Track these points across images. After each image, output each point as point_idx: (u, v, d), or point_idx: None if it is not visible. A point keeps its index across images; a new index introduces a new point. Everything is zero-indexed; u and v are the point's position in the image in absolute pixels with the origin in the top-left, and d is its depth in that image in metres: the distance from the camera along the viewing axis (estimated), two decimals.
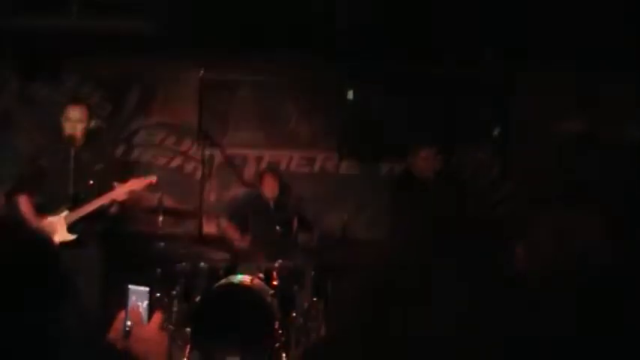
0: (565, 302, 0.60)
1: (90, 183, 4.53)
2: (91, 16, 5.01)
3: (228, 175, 6.39)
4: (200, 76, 6.39)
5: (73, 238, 4.43)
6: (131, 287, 1.67)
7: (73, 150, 4.56)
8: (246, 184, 6.20)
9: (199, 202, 6.14)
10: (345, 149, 6.34)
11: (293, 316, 4.78)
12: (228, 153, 6.26)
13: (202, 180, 6.23)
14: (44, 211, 4.52)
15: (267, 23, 5.28)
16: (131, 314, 1.62)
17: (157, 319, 1.63)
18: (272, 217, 5.66)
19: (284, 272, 4.96)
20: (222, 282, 4.69)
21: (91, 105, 5.77)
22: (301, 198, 5.65)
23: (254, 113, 6.49)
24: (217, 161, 6.40)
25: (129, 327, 1.61)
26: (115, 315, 1.66)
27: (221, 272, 5.02)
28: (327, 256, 5.29)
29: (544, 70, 5.79)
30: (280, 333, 4.49)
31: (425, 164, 5.47)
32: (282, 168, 6.38)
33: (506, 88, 5.91)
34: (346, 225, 5.58)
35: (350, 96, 6.15)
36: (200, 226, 6.07)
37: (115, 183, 4.49)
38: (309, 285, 5.15)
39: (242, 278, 4.73)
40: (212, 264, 5.08)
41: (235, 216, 5.84)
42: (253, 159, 6.47)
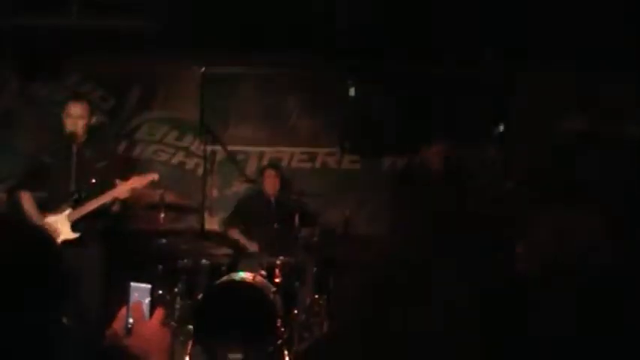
0: (565, 302, 0.61)
1: (92, 181, 4.53)
2: (92, 15, 5.01)
3: (229, 172, 6.39)
4: (201, 73, 6.39)
5: (76, 236, 4.43)
6: (133, 284, 1.67)
7: (75, 147, 4.55)
8: (247, 181, 6.20)
9: (201, 199, 6.15)
10: (347, 145, 6.34)
11: (295, 313, 4.78)
12: (229, 149, 6.25)
13: (204, 176, 6.24)
14: (46, 209, 4.52)
15: (267, 22, 5.27)
16: (133, 311, 1.62)
17: (159, 316, 1.63)
18: (273, 214, 5.66)
19: (286, 269, 4.96)
20: (224, 279, 4.70)
21: (92, 101, 5.78)
22: (303, 194, 5.65)
23: (256, 109, 6.49)
24: (219, 157, 6.40)
25: (130, 324, 1.62)
26: (117, 312, 1.66)
27: (223, 269, 5.03)
28: (329, 252, 5.30)
29: (544, 70, 5.78)
30: (282, 329, 4.50)
31: (436, 159, 5.59)
32: (283, 164, 6.39)
33: (506, 88, 5.91)
34: (348, 221, 5.58)
35: (352, 93, 6.15)
36: (202, 223, 6.08)
37: (117, 181, 4.49)
38: (311, 281, 5.15)
39: (244, 275, 4.74)
40: (214, 260, 5.09)
41: (237, 213, 5.84)
42: (255, 155, 6.47)
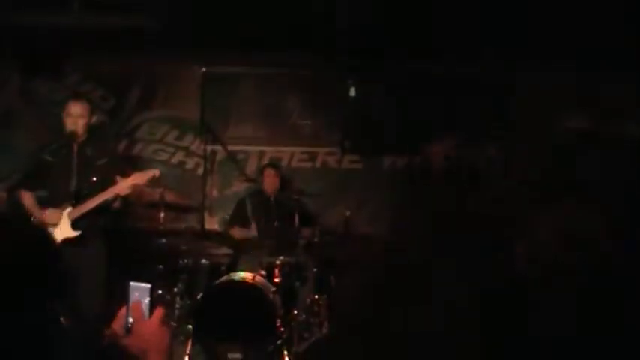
0: (565, 302, 0.61)
1: (93, 179, 4.52)
2: (92, 14, 5.01)
3: (229, 171, 6.39)
4: (202, 72, 6.39)
5: (77, 235, 4.43)
6: (132, 283, 1.66)
7: (76, 146, 4.56)
8: (247, 180, 6.20)
9: (201, 198, 6.15)
10: (347, 145, 6.34)
11: (295, 312, 4.78)
12: (230, 149, 6.25)
13: (204, 176, 6.24)
14: (47, 207, 4.51)
15: (267, 22, 5.27)
16: (132, 310, 1.62)
17: (159, 315, 1.63)
18: (273, 212, 5.65)
19: (286, 268, 4.95)
20: (223, 278, 4.70)
21: (93, 100, 5.78)
22: (303, 193, 5.64)
23: (256, 109, 6.49)
24: (219, 157, 6.40)
25: (130, 323, 1.61)
26: (116, 311, 1.66)
27: (223, 268, 5.03)
28: (329, 252, 5.29)
29: (544, 70, 5.78)
30: (282, 329, 4.50)
31: (437, 159, 5.59)
32: (284, 164, 6.39)
33: (506, 88, 5.91)
34: (348, 220, 5.58)
35: (352, 92, 6.14)
36: (202, 222, 6.08)
37: (118, 177, 4.48)
38: (311, 281, 5.15)
39: (244, 274, 4.74)
40: (214, 260, 5.09)
41: (237, 212, 5.84)
42: (255, 155, 6.47)
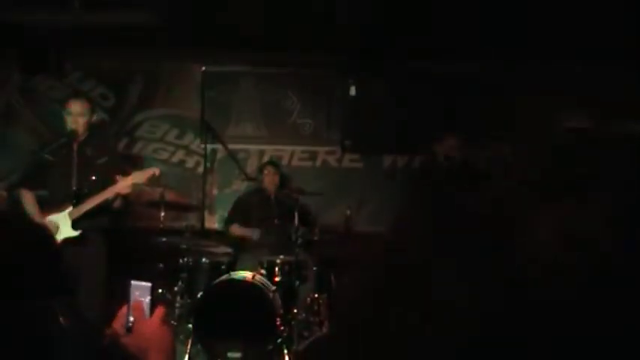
0: (565, 302, 0.60)
1: (92, 178, 4.52)
2: (93, 12, 5.00)
3: (230, 170, 6.38)
4: (202, 71, 6.39)
5: (77, 234, 4.42)
6: (133, 282, 1.66)
7: (76, 144, 4.55)
8: (247, 179, 6.20)
9: (202, 197, 6.15)
10: (347, 144, 6.33)
11: (295, 312, 4.77)
12: (230, 147, 6.25)
13: (204, 175, 6.24)
14: (47, 207, 4.51)
15: (268, 21, 5.26)
16: (134, 310, 1.62)
17: (160, 314, 1.63)
18: (273, 210, 5.64)
19: (286, 267, 4.95)
20: (223, 277, 4.69)
21: (93, 99, 5.77)
22: (303, 192, 5.64)
23: (256, 108, 6.48)
24: (219, 156, 6.40)
25: (131, 322, 1.61)
26: (117, 310, 1.66)
27: (223, 267, 5.02)
28: (329, 251, 5.29)
29: (544, 69, 5.78)
30: (282, 328, 4.49)
31: (439, 158, 5.62)
32: (284, 162, 6.38)
33: (506, 88, 5.91)
34: (349, 219, 5.58)
35: (352, 92, 6.14)
36: (202, 221, 6.08)
37: (118, 176, 4.47)
38: (311, 280, 5.14)
39: (244, 273, 4.73)
40: (214, 259, 5.08)
41: (237, 209, 5.83)
42: (255, 153, 6.47)
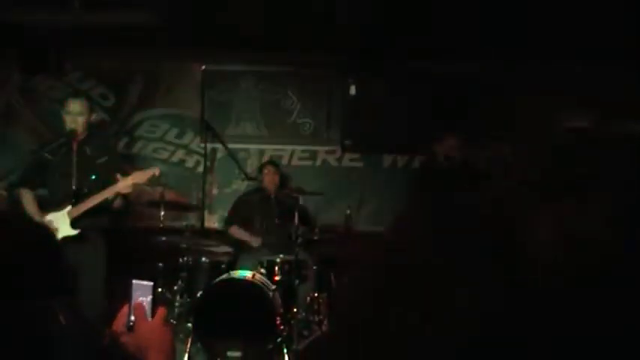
0: (565, 302, 0.60)
1: (92, 178, 4.51)
2: (93, 12, 4.99)
3: (230, 170, 6.38)
4: (202, 70, 6.38)
5: (77, 233, 4.42)
6: (135, 282, 1.66)
7: (75, 144, 4.55)
8: (248, 178, 6.20)
9: (202, 196, 6.15)
10: (348, 143, 6.33)
11: (295, 311, 4.77)
12: (230, 147, 6.25)
13: (204, 174, 6.24)
14: (47, 206, 4.51)
15: (268, 20, 5.26)
16: (135, 310, 1.62)
17: (161, 315, 1.63)
18: (273, 210, 5.64)
19: (286, 266, 4.95)
20: (223, 276, 4.69)
21: (93, 98, 5.77)
22: (303, 191, 5.63)
23: (256, 107, 6.47)
24: (219, 155, 6.40)
25: (132, 321, 1.61)
26: (118, 310, 1.65)
27: (223, 267, 5.02)
28: (329, 250, 5.29)
29: (544, 69, 5.78)
30: (282, 327, 4.50)
31: (439, 158, 5.62)
32: (284, 162, 6.38)
33: (506, 88, 5.91)
34: (349, 218, 5.58)
35: (352, 91, 6.13)
36: (202, 220, 6.08)
37: (118, 176, 4.46)
38: (311, 279, 5.14)
39: (244, 272, 4.74)
40: (214, 258, 5.08)
41: (237, 209, 5.83)
42: (256, 153, 6.46)
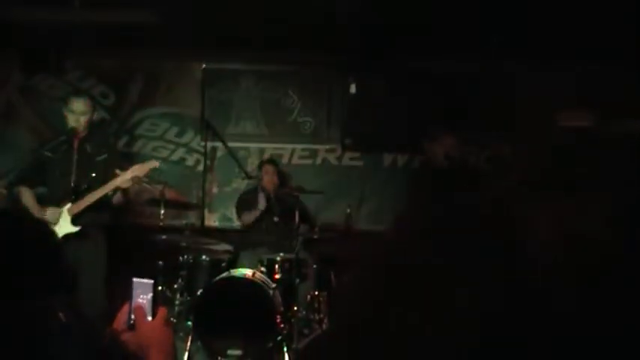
0: (566, 302, 0.59)
1: (92, 175, 4.51)
2: (93, 10, 4.99)
3: (230, 168, 6.38)
4: (202, 69, 6.38)
5: (77, 230, 4.42)
6: (135, 280, 1.66)
7: (76, 142, 4.55)
8: (248, 177, 6.19)
9: (202, 195, 6.14)
10: (348, 142, 6.32)
11: (295, 309, 4.77)
12: (230, 146, 6.24)
13: (205, 172, 6.23)
14: (47, 203, 4.51)
15: (268, 18, 5.25)
16: (135, 311, 1.61)
17: (162, 315, 1.63)
18: (274, 208, 5.63)
19: (286, 265, 4.95)
20: (223, 275, 4.69)
21: (93, 97, 5.77)
22: (303, 190, 5.63)
23: (256, 106, 6.47)
24: (219, 154, 6.39)
25: (133, 320, 1.61)
26: (118, 308, 1.65)
27: (223, 265, 5.02)
28: (329, 249, 5.29)
29: (544, 70, 5.78)
30: (282, 326, 4.50)
31: (439, 157, 5.58)
32: (284, 161, 6.37)
33: (505, 88, 5.90)
34: (349, 217, 5.58)
35: (352, 90, 6.13)
36: (202, 219, 6.08)
37: (117, 170, 4.45)
38: (311, 277, 5.14)
39: (244, 271, 4.73)
40: (214, 257, 5.08)
41: (243, 204, 5.81)
42: (256, 152, 6.46)
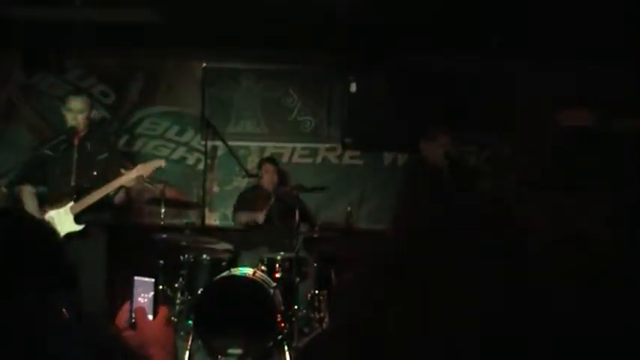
0: (566, 301, 0.60)
1: (93, 174, 4.52)
2: (93, 9, 4.99)
3: (230, 167, 6.38)
4: (203, 68, 6.38)
5: (79, 229, 4.43)
6: (136, 278, 1.66)
7: (76, 140, 4.55)
8: (248, 176, 6.20)
9: (202, 194, 6.15)
10: (348, 141, 6.33)
11: (295, 308, 4.78)
12: (230, 144, 6.25)
13: (205, 171, 6.24)
14: (47, 202, 4.52)
15: (268, 18, 5.26)
16: (136, 312, 1.61)
17: (163, 315, 1.63)
18: (274, 207, 5.63)
19: (286, 264, 4.96)
20: (224, 274, 4.70)
21: (94, 96, 5.77)
22: (304, 188, 5.63)
23: (257, 105, 6.47)
24: (220, 153, 6.40)
25: (134, 319, 1.61)
26: (119, 307, 1.66)
27: (223, 264, 5.03)
28: (330, 248, 5.29)
29: (544, 69, 5.78)
30: (282, 324, 4.50)
31: (439, 151, 5.54)
32: (284, 159, 6.38)
33: (505, 88, 5.91)
34: (349, 216, 5.59)
35: (353, 88, 6.13)
36: (203, 218, 6.08)
37: (122, 170, 4.45)
38: (311, 276, 5.15)
39: (244, 270, 4.74)
40: (214, 256, 5.08)
41: (243, 202, 5.81)
42: (256, 150, 6.46)
